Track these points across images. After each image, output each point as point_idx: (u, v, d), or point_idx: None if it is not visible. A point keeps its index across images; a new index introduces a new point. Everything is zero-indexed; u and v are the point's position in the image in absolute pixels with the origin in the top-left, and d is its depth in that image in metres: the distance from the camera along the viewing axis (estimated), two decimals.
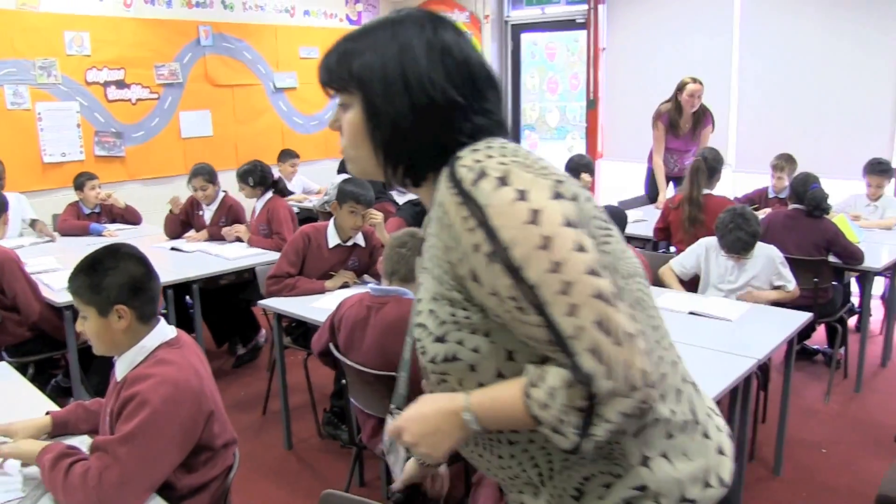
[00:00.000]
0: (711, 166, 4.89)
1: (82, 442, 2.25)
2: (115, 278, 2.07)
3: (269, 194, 5.47)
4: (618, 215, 4.20)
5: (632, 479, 1.24)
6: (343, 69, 1.29)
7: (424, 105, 1.21)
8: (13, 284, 4.05)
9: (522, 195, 1.08)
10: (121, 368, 2.12)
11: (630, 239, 5.00)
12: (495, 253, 1.08)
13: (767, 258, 3.99)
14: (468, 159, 1.16)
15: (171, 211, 5.63)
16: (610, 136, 8.13)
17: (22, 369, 3.33)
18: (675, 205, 4.92)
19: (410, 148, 1.25)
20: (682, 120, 6.22)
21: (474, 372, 1.21)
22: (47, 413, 2.34)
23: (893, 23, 6.18)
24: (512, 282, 1.08)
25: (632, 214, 5.37)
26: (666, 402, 1.28)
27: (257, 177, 5.41)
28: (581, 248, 1.07)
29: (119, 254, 2.15)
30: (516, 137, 8.94)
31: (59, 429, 2.31)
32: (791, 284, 3.99)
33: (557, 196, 1.10)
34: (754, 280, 3.97)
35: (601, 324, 1.05)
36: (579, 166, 5.93)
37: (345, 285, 4.11)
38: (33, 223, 5.80)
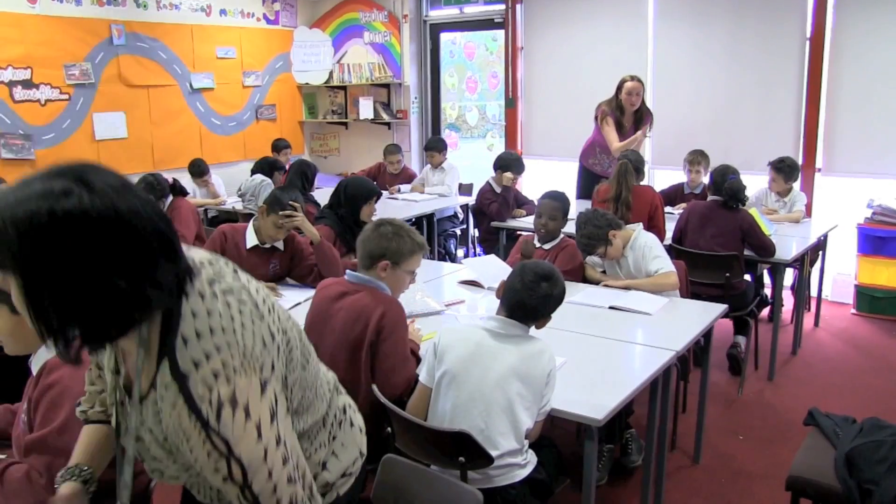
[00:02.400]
0: (636, 168, 5.03)
1: None
2: None
3: (170, 198, 5.50)
4: (564, 200, 4.33)
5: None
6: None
7: (82, 286, 1.19)
8: None
9: (247, 412, 1.31)
10: (37, 362, 2.07)
11: None
12: (231, 476, 1.33)
13: (638, 249, 3.97)
14: (200, 384, 1.30)
15: None
16: (529, 134, 8.24)
17: None
18: (601, 198, 5.02)
19: (77, 323, 1.24)
20: (625, 118, 6.29)
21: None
22: None
23: (796, 24, 6.44)
24: (240, 488, 1.34)
25: None
26: (322, 434, 1.69)
27: (156, 191, 5.43)
28: (278, 442, 1.36)
29: None
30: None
31: None
32: (662, 268, 3.85)
33: (264, 386, 1.36)
34: (632, 271, 4.00)
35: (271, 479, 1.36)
36: (509, 163, 6.04)
37: None
38: None
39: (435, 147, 7.36)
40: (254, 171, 6.93)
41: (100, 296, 1.20)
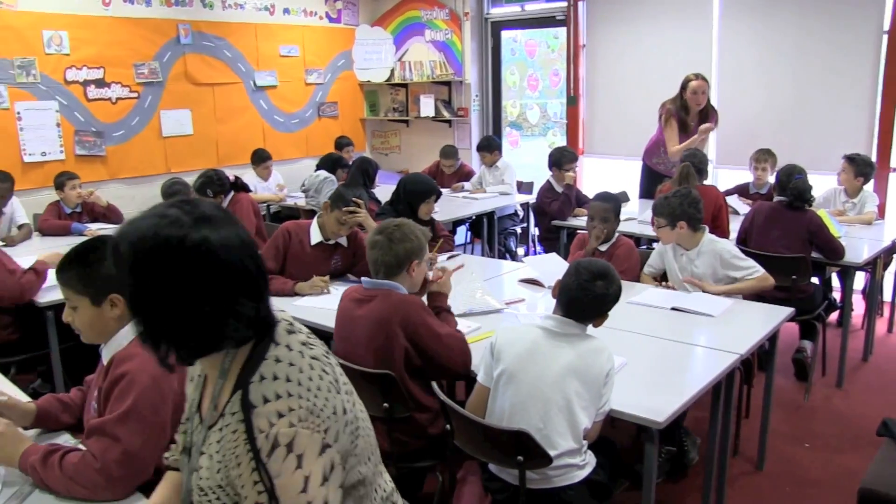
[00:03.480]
0: (699, 168, 4.93)
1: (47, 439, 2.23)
2: (108, 268, 2.07)
3: (231, 194, 5.57)
4: (614, 200, 4.23)
5: None
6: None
7: (172, 305, 1.36)
8: None
9: (300, 462, 1.35)
10: (107, 353, 2.15)
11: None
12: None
13: (713, 254, 3.89)
14: (263, 418, 1.37)
15: None
16: (591, 132, 8.16)
17: (4, 369, 3.30)
18: None
19: (167, 337, 1.40)
20: (690, 118, 6.17)
21: None
22: (34, 402, 2.33)
23: (872, 18, 6.24)
24: None
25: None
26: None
27: (216, 186, 5.50)
28: (323, 483, 1.37)
29: (107, 244, 2.15)
30: (497, 135, 8.96)
31: (41, 418, 2.31)
32: (755, 271, 3.83)
33: (324, 449, 1.39)
34: (701, 277, 3.91)
35: None
36: (559, 158, 6.00)
37: (314, 291, 3.99)
38: (21, 227, 5.75)
39: (486, 147, 7.36)
40: (318, 168, 7.01)
41: (185, 317, 1.36)
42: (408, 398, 2.79)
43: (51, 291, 4.09)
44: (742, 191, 6.07)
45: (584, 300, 2.53)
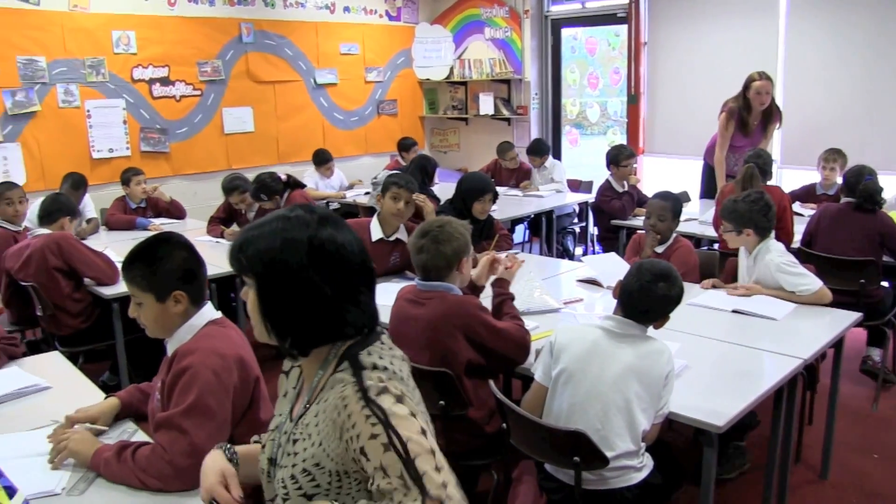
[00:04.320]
0: (763, 170, 4.80)
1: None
2: (171, 265, 2.18)
3: (286, 193, 5.63)
4: (674, 200, 4.15)
5: None
6: (241, 256, 1.50)
7: (304, 291, 1.46)
8: (78, 257, 4.19)
9: (414, 413, 1.41)
10: (171, 346, 2.22)
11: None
12: (391, 444, 1.35)
13: (769, 262, 3.69)
14: (371, 378, 1.43)
15: (211, 218, 5.75)
16: (652, 131, 8.05)
17: (73, 359, 3.40)
18: (726, 199, 4.82)
19: (294, 326, 1.49)
20: (752, 118, 6.03)
21: None
22: (112, 395, 2.41)
23: None
24: (401, 467, 1.34)
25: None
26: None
27: (269, 189, 5.56)
28: (424, 436, 1.38)
29: (171, 242, 2.26)
30: (557, 133, 8.90)
31: (125, 410, 2.40)
32: (807, 287, 3.57)
33: (412, 414, 1.41)
34: (761, 282, 3.74)
35: (438, 470, 1.36)
36: (615, 156, 5.94)
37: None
38: (89, 221, 5.91)
39: (536, 151, 7.35)
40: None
41: (314, 309, 1.47)
42: (464, 396, 2.80)
43: (116, 284, 4.22)
44: (809, 191, 5.92)
45: (646, 301, 2.50)
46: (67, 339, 4.31)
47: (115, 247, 4.68)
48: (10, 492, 1.77)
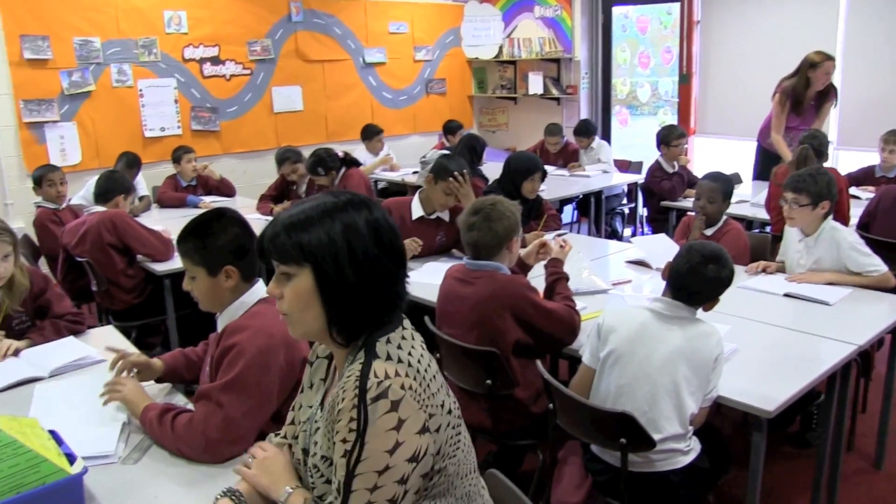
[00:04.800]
0: (819, 151, 4.68)
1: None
2: (223, 241, 2.21)
3: (343, 170, 5.61)
4: (725, 181, 4.06)
5: None
6: (293, 245, 1.45)
7: (367, 274, 1.45)
8: (132, 234, 4.29)
9: (399, 425, 1.37)
10: (221, 322, 2.25)
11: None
12: (348, 453, 1.37)
13: (832, 241, 3.58)
14: (382, 367, 1.41)
15: (261, 196, 5.79)
16: (703, 111, 7.91)
17: (126, 333, 3.48)
18: (779, 181, 4.71)
19: (354, 312, 1.47)
20: (808, 97, 5.90)
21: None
22: (157, 357, 2.48)
23: None
24: (344, 474, 1.38)
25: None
26: None
27: (326, 163, 5.54)
28: (402, 480, 1.38)
29: (225, 218, 2.29)
30: (606, 113, 8.80)
31: (168, 374, 2.46)
32: (876, 269, 3.48)
33: (425, 430, 1.40)
34: (820, 263, 3.63)
35: (372, 490, 1.37)
36: (665, 136, 5.86)
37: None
38: (141, 199, 6.02)
39: (584, 132, 7.26)
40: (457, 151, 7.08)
41: (377, 288, 1.47)
42: (511, 376, 2.79)
43: (168, 261, 4.32)
44: (867, 174, 5.76)
45: (696, 283, 2.47)
46: (121, 313, 4.41)
47: (168, 224, 4.75)
48: (71, 458, 1.82)
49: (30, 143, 6.30)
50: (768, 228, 4.95)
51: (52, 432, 1.92)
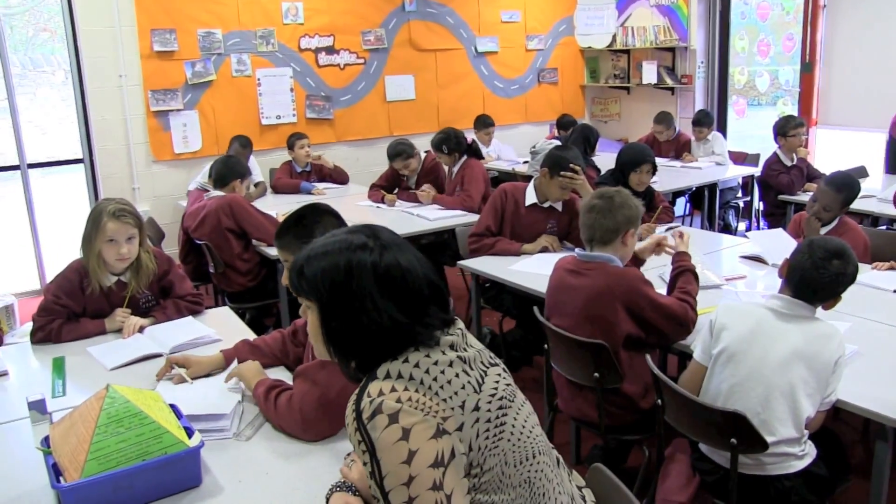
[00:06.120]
0: None
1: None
2: (322, 229, 2.24)
3: (464, 158, 5.56)
4: (846, 191, 3.84)
5: None
6: (301, 281, 1.52)
7: (365, 321, 1.45)
8: (248, 219, 4.44)
9: (405, 435, 1.37)
10: None
11: (853, 214, 4.53)
12: (373, 474, 1.39)
13: None
14: (376, 385, 1.42)
15: (372, 185, 5.87)
16: (827, 101, 7.56)
17: (240, 314, 3.60)
18: None
19: (355, 352, 1.50)
20: None
21: None
22: (220, 351, 2.58)
23: None
24: (380, 497, 1.39)
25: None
26: None
27: (452, 144, 5.52)
28: (435, 487, 1.37)
29: (319, 209, 2.39)
30: (723, 104, 8.53)
31: (229, 364, 2.54)
32: None
33: (440, 433, 1.39)
34: None
35: (411, 500, 1.37)
36: (786, 126, 5.65)
37: (544, 250, 4.07)
38: (257, 185, 6.21)
39: (702, 122, 7.05)
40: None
41: (377, 332, 1.46)
42: (619, 369, 2.76)
43: None
44: None
45: (819, 280, 2.36)
46: (236, 295, 4.57)
47: (282, 209, 4.88)
48: (189, 432, 1.92)
49: (156, 130, 6.62)
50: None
51: (172, 406, 2.01)
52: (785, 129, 5.64)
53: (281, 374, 2.48)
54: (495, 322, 4.50)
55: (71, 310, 2.97)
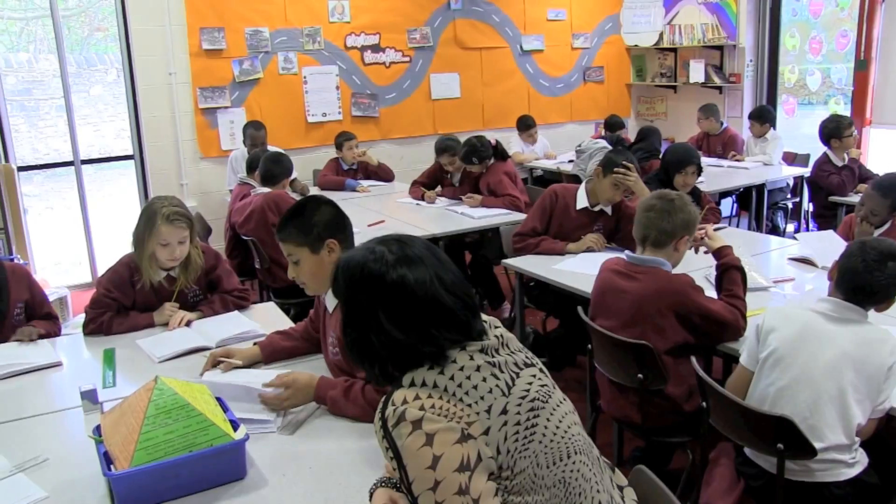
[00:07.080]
0: None
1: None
2: (320, 217, 2.34)
3: (491, 161, 5.57)
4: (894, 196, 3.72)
5: None
6: (335, 283, 1.61)
7: (371, 331, 1.52)
8: None
9: (429, 440, 1.39)
10: (331, 300, 2.35)
11: None
12: (402, 480, 1.43)
13: None
14: (401, 393, 1.46)
15: (413, 181, 5.88)
16: (882, 100, 7.38)
17: (285, 310, 3.63)
18: None
19: (372, 361, 1.56)
20: None
21: None
22: (254, 343, 2.65)
23: None
24: (412, 502, 1.43)
25: None
26: None
27: (480, 153, 5.50)
28: (461, 491, 1.38)
29: (316, 199, 2.44)
30: (772, 102, 8.39)
31: (266, 354, 2.61)
32: None
33: (465, 438, 1.41)
34: None
35: None
36: (831, 130, 5.54)
37: (589, 249, 4.05)
38: (293, 182, 6.26)
39: (759, 117, 6.96)
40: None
41: (385, 342, 1.51)
42: (663, 371, 2.73)
43: None
44: None
45: (872, 283, 2.31)
46: (281, 291, 4.62)
47: None
48: (234, 425, 1.95)
49: (203, 127, 6.72)
50: None
51: (218, 399, 2.04)
52: (840, 132, 5.53)
53: (306, 367, 2.54)
54: (539, 321, 4.49)
55: (121, 303, 3.05)
